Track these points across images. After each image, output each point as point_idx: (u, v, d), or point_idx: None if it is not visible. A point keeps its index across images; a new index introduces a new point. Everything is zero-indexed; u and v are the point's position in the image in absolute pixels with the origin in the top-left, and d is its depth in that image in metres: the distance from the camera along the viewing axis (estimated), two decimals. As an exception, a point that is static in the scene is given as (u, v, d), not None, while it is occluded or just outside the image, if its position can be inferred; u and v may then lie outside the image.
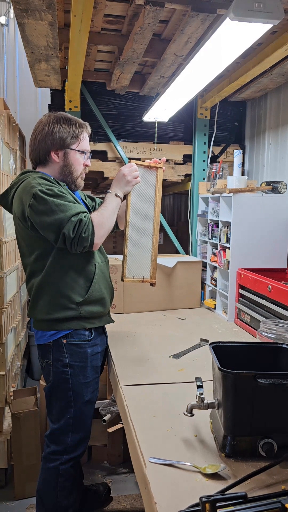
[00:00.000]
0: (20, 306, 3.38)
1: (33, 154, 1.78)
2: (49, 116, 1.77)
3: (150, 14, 1.84)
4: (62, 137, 1.72)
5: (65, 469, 1.78)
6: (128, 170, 1.79)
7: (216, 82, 2.81)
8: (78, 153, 1.77)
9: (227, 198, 2.55)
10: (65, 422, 1.76)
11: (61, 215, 1.58)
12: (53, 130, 1.72)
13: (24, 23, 1.93)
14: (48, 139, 1.72)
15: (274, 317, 2.04)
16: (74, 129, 1.75)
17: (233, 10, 1.39)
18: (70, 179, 1.79)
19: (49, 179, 1.69)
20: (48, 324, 1.73)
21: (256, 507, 0.84)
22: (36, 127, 1.77)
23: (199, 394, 1.22)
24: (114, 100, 3.16)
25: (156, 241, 1.96)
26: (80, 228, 1.59)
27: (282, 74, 2.59)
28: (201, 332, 2.27)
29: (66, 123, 1.74)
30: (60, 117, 1.75)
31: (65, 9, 2.16)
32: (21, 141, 3.62)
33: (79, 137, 1.77)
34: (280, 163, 2.91)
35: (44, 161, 1.77)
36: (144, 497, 1.09)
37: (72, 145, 1.75)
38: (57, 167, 1.76)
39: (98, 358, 1.84)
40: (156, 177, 1.93)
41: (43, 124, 1.75)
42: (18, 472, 2.34)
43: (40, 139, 1.74)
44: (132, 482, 2.47)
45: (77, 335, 1.74)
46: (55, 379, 1.76)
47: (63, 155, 1.75)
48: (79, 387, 1.75)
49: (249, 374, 1.09)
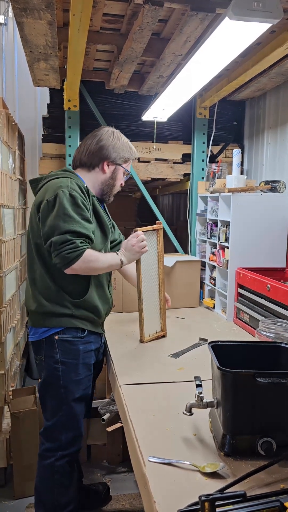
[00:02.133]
0: (19, 306, 3.37)
1: (85, 157, 1.87)
2: (113, 131, 1.92)
3: (149, 13, 1.84)
4: (119, 154, 1.89)
5: (60, 465, 1.79)
6: (136, 240, 1.90)
7: (215, 82, 2.81)
8: (124, 172, 1.94)
9: (226, 198, 2.55)
10: (57, 419, 1.78)
11: (61, 224, 1.63)
12: (116, 145, 1.88)
13: (23, 22, 1.93)
14: (110, 149, 1.86)
15: (273, 316, 2.05)
16: (130, 151, 1.94)
17: (232, 9, 1.39)
18: (109, 191, 1.93)
19: (81, 187, 1.76)
20: (42, 317, 1.76)
21: (255, 506, 0.84)
22: (99, 134, 1.89)
23: (198, 393, 1.22)
24: (113, 100, 3.16)
25: (164, 296, 2.16)
26: (67, 247, 1.62)
27: (281, 74, 2.59)
28: (200, 331, 2.27)
29: (126, 143, 1.93)
30: (122, 136, 1.94)
31: (64, 8, 2.15)
32: (20, 141, 3.61)
33: (130, 160, 1.96)
34: (279, 163, 2.91)
35: (93, 167, 1.87)
36: (143, 496, 1.09)
37: (123, 163, 1.92)
38: (102, 177, 1.89)
39: (91, 356, 1.84)
40: (157, 238, 2.14)
41: (108, 134, 1.89)
42: (17, 471, 2.34)
43: (102, 146, 1.86)
44: (131, 481, 2.48)
45: (69, 332, 1.77)
46: (47, 375, 1.79)
47: (113, 169, 1.89)
48: (70, 384, 1.76)
49: (248, 373, 1.09)
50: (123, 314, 2.61)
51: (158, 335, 2.16)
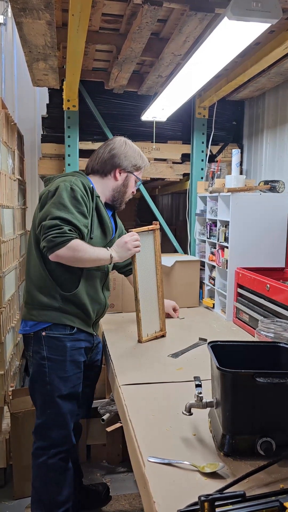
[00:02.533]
0: (19, 306, 3.37)
1: (98, 164, 1.94)
2: (126, 140, 2.00)
3: (148, 13, 1.84)
4: (131, 162, 1.96)
5: (53, 463, 1.79)
6: (129, 238, 1.90)
7: (214, 81, 2.81)
8: (135, 180, 2.01)
9: (226, 197, 2.55)
10: (47, 417, 1.78)
11: (53, 211, 1.67)
12: (127, 153, 1.95)
13: (22, 22, 1.92)
14: (121, 157, 1.93)
15: (273, 316, 2.05)
16: (141, 160, 2.00)
17: (231, 9, 1.39)
18: (121, 198, 2.00)
19: (86, 186, 1.80)
20: (31, 309, 1.79)
21: (254, 506, 0.84)
22: (112, 143, 1.97)
23: (198, 393, 1.22)
24: (112, 100, 3.15)
25: (162, 296, 2.15)
26: (55, 231, 1.63)
27: (280, 74, 2.59)
28: (199, 331, 2.27)
29: (137, 152, 2.00)
30: (134, 145, 2.01)
31: (63, 8, 2.15)
32: (19, 141, 3.61)
33: (141, 168, 2.03)
34: (278, 162, 2.91)
35: (106, 174, 1.94)
36: (143, 496, 1.09)
37: (135, 171, 1.99)
38: (114, 184, 1.96)
39: (81, 354, 1.84)
40: (154, 238, 2.15)
41: (120, 143, 1.96)
42: (17, 472, 2.34)
43: (114, 154, 1.93)
44: (131, 481, 2.48)
45: (56, 328, 1.78)
46: (34, 372, 1.80)
47: (125, 176, 1.97)
48: (56, 381, 1.76)
49: (248, 373, 1.09)
50: (122, 314, 2.61)
51: (157, 335, 2.15)
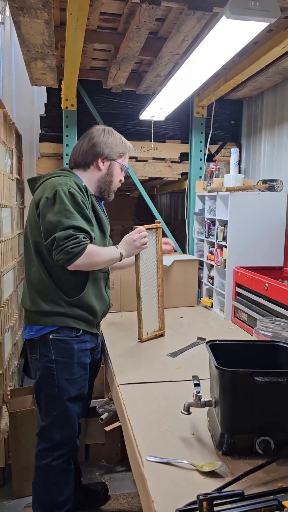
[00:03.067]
0: (17, 305, 3.37)
1: (80, 157, 1.88)
2: (105, 128, 1.91)
3: (146, 12, 1.84)
4: (113, 149, 1.87)
5: (57, 465, 1.79)
6: (137, 236, 1.90)
7: (212, 81, 2.81)
8: (120, 167, 1.92)
9: (224, 197, 2.55)
10: (53, 419, 1.77)
11: (63, 220, 1.62)
12: (107, 141, 1.87)
13: (19, 21, 1.92)
14: (101, 147, 1.85)
15: (271, 315, 2.05)
16: (124, 146, 1.92)
17: (229, 8, 1.39)
18: (108, 189, 1.92)
19: (80, 186, 1.76)
20: (36, 316, 1.76)
21: (253, 505, 0.84)
22: (91, 133, 1.89)
23: (196, 392, 1.23)
24: (110, 99, 3.15)
25: (162, 295, 2.14)
26: (71, 242, 1.61)
27: (278, 73, 2.59)
28: (198, 331, 2.27)
29: (118, 138, 1.91)
30: (114, 132, 1.92)
31: (61, 7, 2.15)
32: (17, 140, 3.61)
33: (125, 154, 1.93)
34: (276, 162, 2.91)
35: (88, 166, 1.87)
36: (141, 495, 1.10)
37: (118, 159, 1.90)
38: (98, 175, 1.88)
39: (86, 355, 1.84)
40: (157, 236, 2.13)
41: (99, 132, 1.88)
42: (16, 471, 2.34)
43: (94, 143, 1.86)
44: (130, 481, 2.48)
45: (63, 331, 1.76)
46: (41, 374, 1.78)
47: (108, 165, 1.88)
48: (64, 383, 1.76)
49: (246, 372, 1.09)
50: (121, 314, 2.61)
51: (156, 334, 2.15)
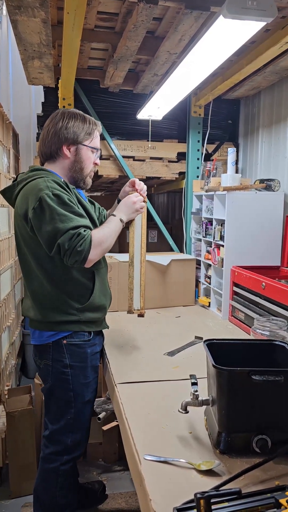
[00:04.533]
0: (15, 305, 3.37)
1: (44, 148, 1.75)
2: (63, 111, 1.75)
3: (143, 12, 1.84)
4: (76, 132, 1.71)
5: (65, 469, 1.78)
6: (136, 198, 1.82)
7: (209, 80, 2.81)
8: (90, 150, 1.76)
9: (221, 196, 2.55)
10: (65, 422, 1.75)
11: (60, 226, 1.54)
12: (68, 125, 1.70)
13: (16, 20, 1.92)
14: (62, 133, 1.70)
15: (268, 314, 2.05)
16: (88, 126, 1.74)
17: (226, 7, 1.39)
18: (80, 176, 1.77)
19: (60, 183, 1.64)
20: (47, 325, 1.70)
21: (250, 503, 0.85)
22: (49, 121, 1.75)
23: (194, 391, 1.23)
24: (107, 98, 3.15)
25: (144, 274, 1.97)
26: (76, 241, 1.54)
27: (276, 72, 2.60)
28: (195, 330, 2.27)
29: (80, 119, 1.73)
30: (74, 113, 1.74)
31: (58, 6, 2.15)
32: (14, 139, 3.60)
33: (92, 134, 1.75)
34: (273, 161, 2.92)
35: (55, 156, 1.73)
36: (139, 494, 1.10)
37: (85, 141, 1.73)
38: (67, 163, 1.74)
39: (97, 358, 1.83)
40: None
41: (57, 118, 1.72)
42: (13, 471, 2.33)
43: (53, 133, 1.71)
44: (127, 480, 2.48)
45: (77, 335, 1.72)
46: (54, 380, 1.73)
47: (75, 150, 1.73)
48: (79, 388, 1.74)
49: (244, 371, 1.10)
50: (118, 313, 2.61)
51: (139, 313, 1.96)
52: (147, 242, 4.40)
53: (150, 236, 4.23)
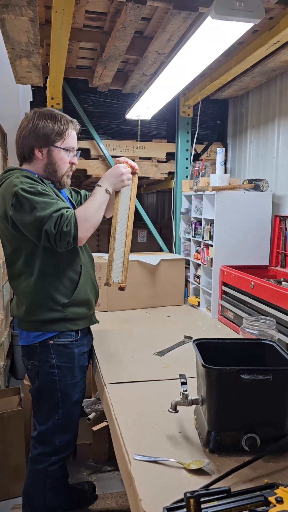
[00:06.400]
0: (3, 305, 3.34)
1: (18, 151, 1.74)
2: (34, 112, 1.71)
3: (132, 11, 1.84)
4: (46, 133, 1.67)
5: (53, 470, 1.77)
6: (125, 170, 1.76)
7: (198, 80, 2.82)
8: (63, 151, 1.72)
9: (210, 196, 2.56)
10: (53, 423, 1.74)
11: (42, 213, 1.53)
12: (37, 127, 1.66)
13: (4, 18, 1.90)
14: (32, 135, 1.67)
15: (257, 313, 2.07)
16: (59, 126, 1.69)
17: (214, 8, 1.39)
18: (55, 177, 1.74)
19: (33, 177, 1.64)
20: (34, 325, 1.70)
21: (239, 501, 0.85)
22: (21, 123, 1.72)
23: (183, 391, 1.23)
24: (96, 98, 3.14)
25: (128, 247, 1.92)
26: (61, 222, 1.53)
27: (263, 73, 2.62)
28: (185, 329, 2.28)
29: (51, 119, 1.68)
30: (45, 113, 1.70)
31: (46, 5, 2.13)
32: (2, 138, 3.57)
33: (64, 134, 1.71)
34: (261, 161, 2.94)
35: (29, 158, 1.72)
36: (129, 494, 1.10)
37: (56, 142, 1.69)
38: (41, 165, 1.72)
39: (85, 358, 1.83)
40: (133, 182, 1.90)
41: (28, 120, 1.69)
42: (2, 473, 2.31)
43: (24, 135, 1.69)
44: (117, 480, 2.48)
45: (64, 335, 1.72)
46: (42, 381, 1.73)
47: (46, 152, 1.70)
48: (67, 388, 1.73)
49: (233, 370, 1.10)
50: (108, 313, 2.61)
51: (119, 286, 1.89)
52: (137, 242, 4.42)
53: (140, 236, 4.23)
